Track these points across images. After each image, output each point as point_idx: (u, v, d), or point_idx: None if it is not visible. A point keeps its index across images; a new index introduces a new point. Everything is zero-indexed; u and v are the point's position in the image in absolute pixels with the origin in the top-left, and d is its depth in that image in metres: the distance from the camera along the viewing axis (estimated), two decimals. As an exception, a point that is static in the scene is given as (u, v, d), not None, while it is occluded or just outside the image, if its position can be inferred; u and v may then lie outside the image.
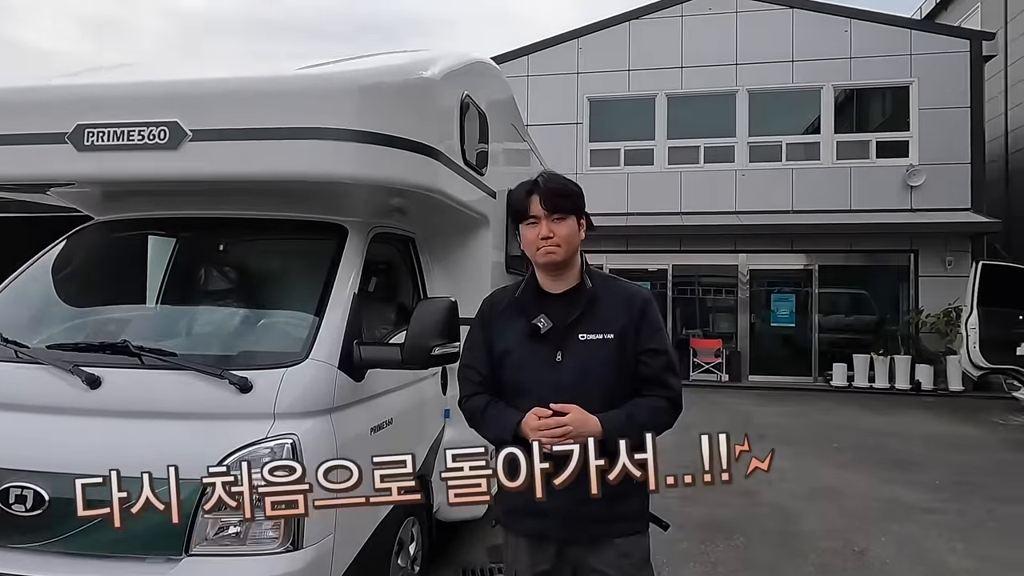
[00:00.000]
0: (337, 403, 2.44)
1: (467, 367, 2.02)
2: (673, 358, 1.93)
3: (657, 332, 1.91)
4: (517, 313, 1.93)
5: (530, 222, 1.88)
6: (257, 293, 2.87)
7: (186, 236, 3.07)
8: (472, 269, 3.73)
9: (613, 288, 1.94)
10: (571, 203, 1.88)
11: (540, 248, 1.86)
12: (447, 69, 2.98)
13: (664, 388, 1.88)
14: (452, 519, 3.69)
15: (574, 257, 1.91)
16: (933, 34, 13.17)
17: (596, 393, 1.80)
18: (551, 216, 1.84)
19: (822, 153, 13.22)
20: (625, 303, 1.90)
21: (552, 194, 1.86)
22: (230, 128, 2.44)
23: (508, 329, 1.93)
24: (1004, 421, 9.39)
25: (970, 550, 4.38)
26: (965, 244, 12.46)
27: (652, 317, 1.91)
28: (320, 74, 2.62)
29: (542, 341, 1.87)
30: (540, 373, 1.85)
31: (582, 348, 1.85)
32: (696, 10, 13.68)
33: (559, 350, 1.86)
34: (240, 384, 2.26)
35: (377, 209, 3.06)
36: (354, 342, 2.55)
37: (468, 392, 1.99)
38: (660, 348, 1.89)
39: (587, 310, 1.87)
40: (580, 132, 13.97)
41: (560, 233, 1.85)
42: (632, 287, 1.98)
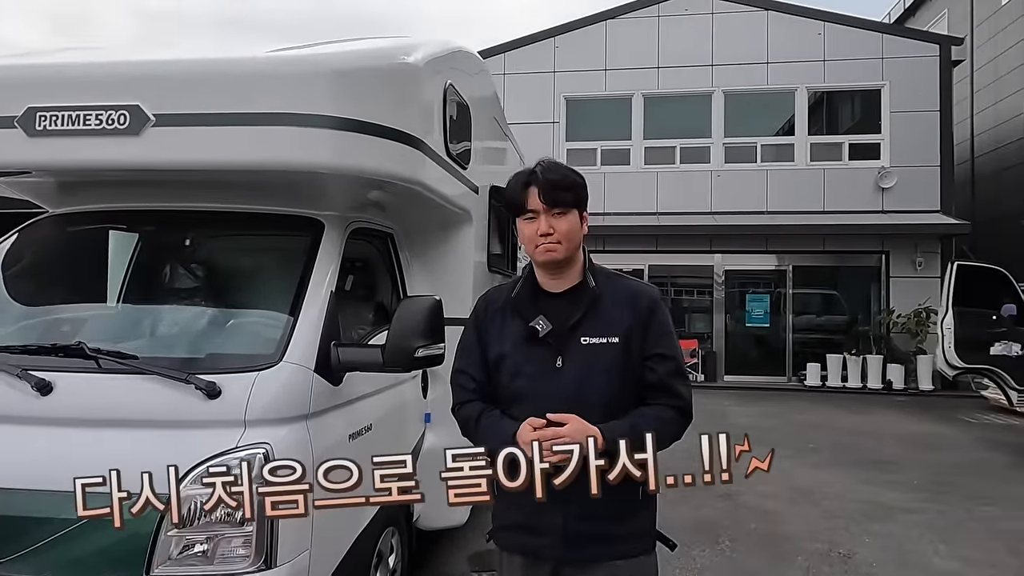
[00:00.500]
0: (313, 409, 2.27)
1: (460, 372, 1.86)
2: (683, 364, 1.79)
3: (665, 335, 1.76)
4: (513, 314, 1.79)
5: (528, 217, 1.74)
6: (226, 292, 2.67)
7: (149, 230, 2.85)
8: (454, 267, 3.58)
9: (618, 287, 1.80)
10: (572, 196, 1.73)
11: (539, 245, 1.72)
12: (430, 56, 2.83)
13: (672, 396, 1.73)
14: (433, 527, 3.55)
15: (576, 254, 1.77)
16: (904, 38, 13.38)
17: (598, 401, 1.66)
18: (551, 210, 1.70)
19: (796, 155, 13.33)
20: (630, 303, 1.75)
21: (552, 186, 1.70)
22: (197, 113, 2.26)
23: (504, 331, 1.79)
24: (975, 419, 9.55)
25: (953, 551, 4.37)
26: (935, 245, 12.67)
27: (660, 318, 1.77)
28: (293, 57, 2.45)
29: (541, 345, 1.73)
30: (538, 379, 1.71)
31: (584, 352, 1.71)
32: (672, 11, 13.71)
33: (559, 354, 1.72)
34: (207, 389, 2.08)
35: (354, 203, 2.89)
36: (331, 343, 2.38)
37: (461, 399, 1.84)
38: (668, 353, 1.74)
39: (590, 311, 1.73)
40: (556, 131, 13.89)
41: (561, 229, 1.71)
42: (638, 285, 1.84)
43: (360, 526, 2.61)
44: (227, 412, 2.09)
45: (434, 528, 3.55)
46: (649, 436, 1.54)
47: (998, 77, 15.35)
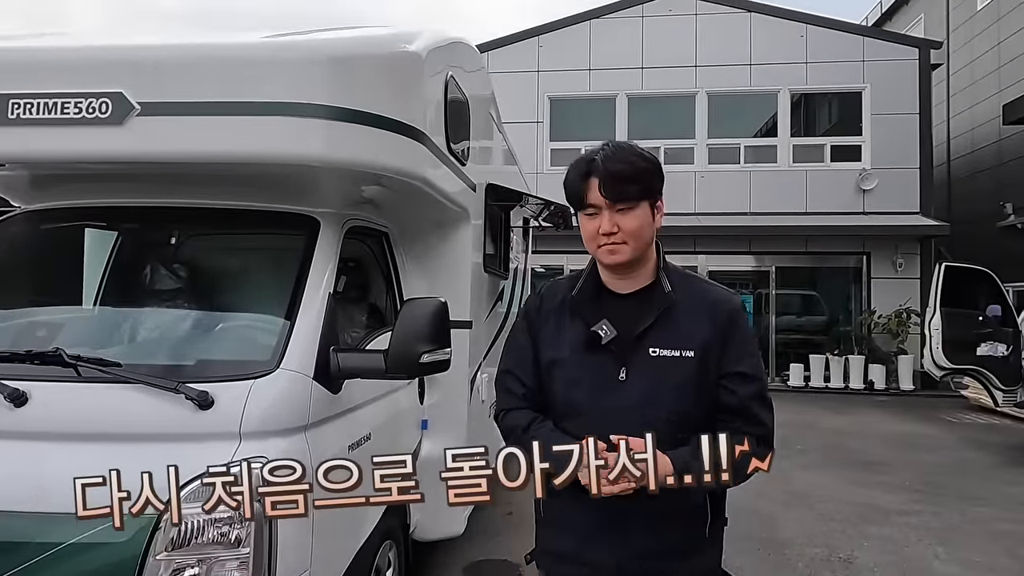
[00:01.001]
0: (312, 419, 2.12)
1: (507, 374, 1.65)
2: (766, 385, 1.56)
3: (748, 352, 1.54)
4: (572, 315, 1.58)
5: (589, 212, 1.52)
6: (217, 294, 2.50)
7: (132, 228, 2.66)
8: (451, 268, 3.45)
9: (696, 291, 1.57)
10: (640, 188, 1.48)
11: (601, 245, 1.51)
12: (432, 45, 2.70)
13: (752, 423, 1.50)
14: (429, 539, 3.41)
15: (647, 252, 1.55)
16: (884, 41, 13.50)
17: (666, 423, 1.44)
18: (614, 206, 1.47)
19: (779, 156, 13.38)
20: (709, 312, 1.53)
21: (615, 179, 1.46)
22: (185, 101, 2.11)
23: (561, 334, 1.57)
24: (956, 419, 9.64)
25: (952, 554, 4.34)
26: (915, 247, 12.80)
27: (742, 331, 1.55)
28: (287, 43, 2.30)
29: (602, 353, 1.51)
30: (598, 393, 1.50)
31: (652, 366, 1.49)
32: (656, 11, 13.69)
33: (623, 366, 1.50)
34: (199, 399, 1.92)
35: (350, 199, 2.74)
36: (331, 349, 2.23)
37: (507, 406, 1.63)
38: (751, 372, 1.52)
39: (662, 318, 1.51)
40: (540, 131, 13.79)
41: (627, 227, 1.48)
42: (720, 291, 1.60)
43: (358, 543, 2.47)
44: (221, 424, 1.94)
45: (431, 539, 3.41)
46: (649, 438, 1.33)
47: (973, 81, 15.59)
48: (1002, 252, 13.29)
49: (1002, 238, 13.84)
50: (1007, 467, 6.78)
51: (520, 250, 6.09)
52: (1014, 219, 13.51)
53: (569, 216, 5.95)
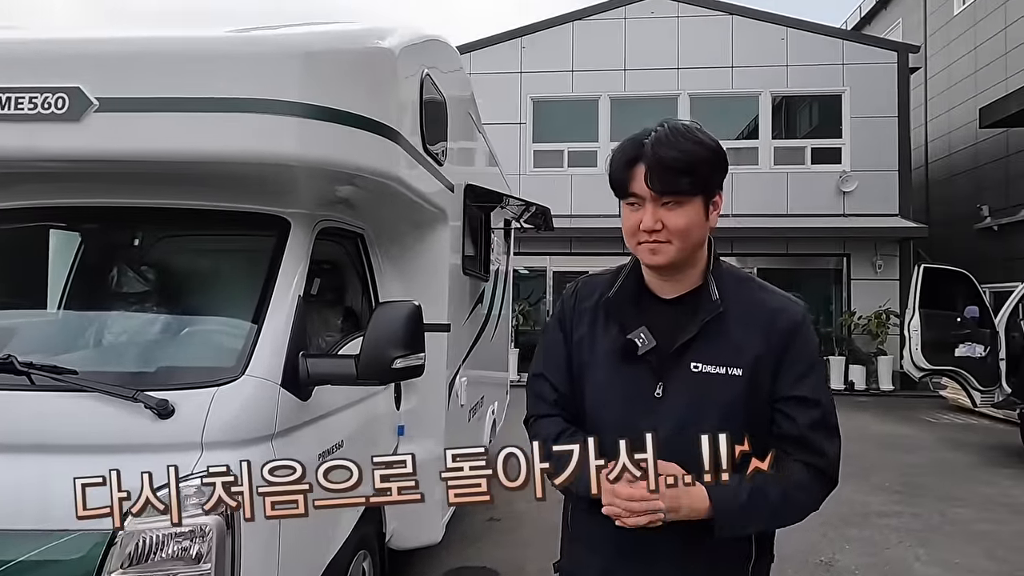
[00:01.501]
0: (280, 428, 2.04)
1: (539, 377, 1.49)
2: (831, 412, 1.34)
3: (810, 372, 1.33)
4: (608, 318, 1.40)
5: (631, 202, 1.32)
6: (181, 298, 2.41)
7: (91, 229, 2.56)
8: (428, 270, 3.37)
9: (751, 299, 1.36)
10: (692, 180, 1.26)
11: (641, 242, 1.32)
12: (407, 42, 2.63)
13: (812, 453, 1.30)
14: (406, 547, 3.34)
15: (697, 253, 1.35)
16: (863, 45, 13.65)
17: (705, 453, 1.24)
18: (660, 199, 1.27)
19: (760, 158, 13.46)
20: (765, 323, 1.32)
21: (664, 168, 1.25)
22: (147, 97, 2.02)
23: (595, 338, 1.40)
24: (935, 419, 9.74)
25: (932, 556, 4.34)
26: (894, 248, 12.93)
27: (804, 348, 1.33)
28: (258, 37, 2.22)
29: (638, 364, 1.34)
30: (630, 409, 1.32)
31: (694, 383, 1.30)
32: (638, 13, 13.72)
33: (660, 380, 1.32)
34: (159, 408, 1.84)
35: (323, 199, 2.66)
36: (300, 354, 2.15)
37: (538, 412, 1.48)
38: (813, 396, 1.32)
39: (708, 330, 1.32)
40: (523, 132, 13.76)
41: (674, 225, 1.28)
42: (780, 299, 1.38)
43: (331, 554, 2.39)
44: (181, 434, 1.85)
45: (408, 547, 3.33)
46: (649, 438, 1.17)
47: (950, 85, 15.79)
48: (979, 254, 13.48)
49: (979, 240, 14.03)
50: (985, 467, 6.84)
51: (502, 252, 6.03)
52: (991, 221, 13.70)
53: (551, 217, 5.90)
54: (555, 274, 13.73)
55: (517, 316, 12.59)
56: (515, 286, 13.02)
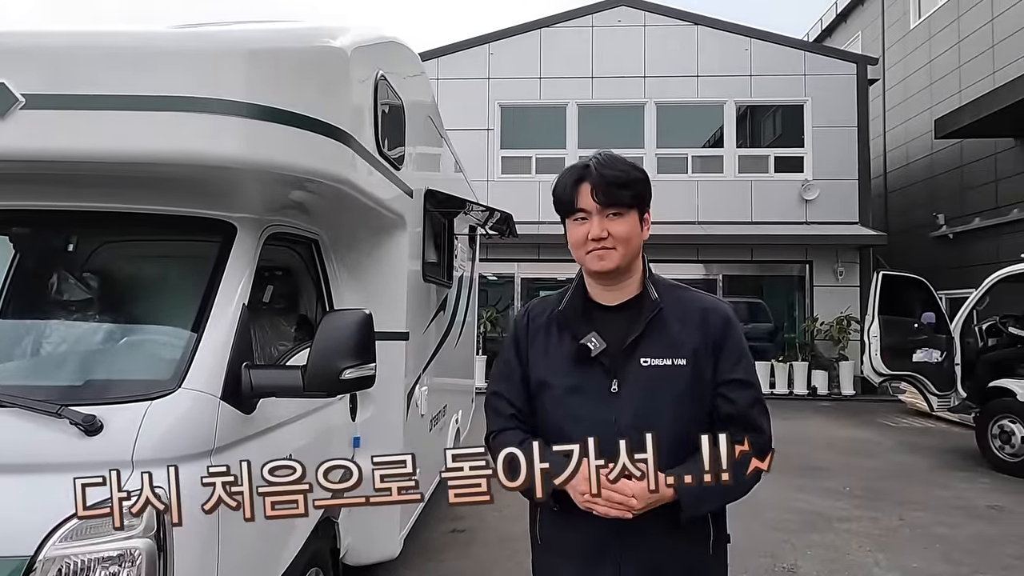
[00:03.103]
0: (220, 443, 1.94)
1: (495, 395, 1.64)
2: (760, 392, 1.55)
3: (742, 358, 1.53)
4: (561, 330, 1.56)
5: (578, 218, 1.52)
6: (118, 306, 2.28)
7: (20, 234, 2.41)
8: (386, 276, 3.29)
9: (684, 300, 1.56)
10: (632, 194, 1.49)
11: (590, 251, 1.50)
12: (361, 42, 2.55)
13: (752, 430, 1.47)
14: (362, 563, 3.23)
15: (634, 262, 1.54)
16: (824, 56, 13.93)
17: (663, 435, 1.39)
18: (605, 211, 1.48)
19: (725, 166, 13.64)
20: (700, 320, 1.52)
21: (608, 183, 1.47)
22: (80, 94, 1.91)
23: (549, 350, 1.56)
24: (894, 423, 9.93)
25: (891, 561, 4.38)
26: (854, 256, 13.19)
27: (735, 338, 1.53)
28: (201, 33, 2.12)
29: (593, 366, 1.50)
30: (590, 408, 1.47)
31: (645, 376, 1.47)
32: (606, 22, 13.81)
33: (614, 378, 1.48)
34: (85, 424, 1.73)
35: (273, 203, 2.56)
36: (243, 365, 2.06)
37: (496, 427, 1.61)
38: (747, 379, 1.52)
39: (651, 327, 1.50)
40: (491, 138, 13.72)
41: (617, 232, 1.48)
42: (709, 299, 1.60)
43: (277, 573, 2.28)
44: (110, 451, 1.74)
45: (364, 563, 3.23)
46: (649, 439, 1.32)
47: (907, 97, 16.22)
48: (936, 261, 13.84)
49: (935, 247, 14.40)
50: (940, 470, 6.97)
51: (466, 258, 5.95)
52: (946, 229, 14.08)
53: (514, 224, 5.86)
54: (523, 280, 13.71)
55: (484, 323, 12.52)
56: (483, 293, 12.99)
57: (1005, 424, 6.86)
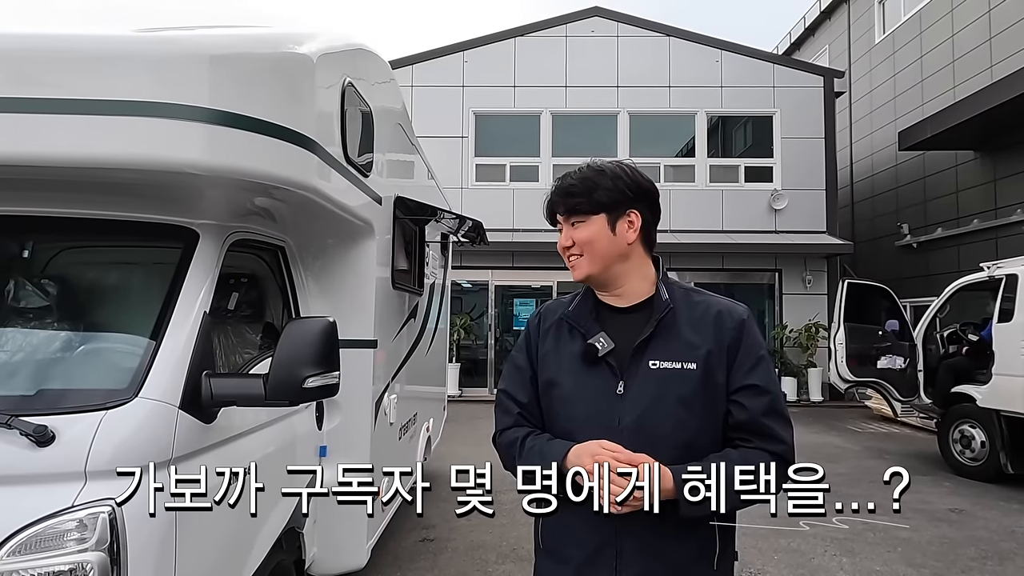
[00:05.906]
0: (178, 453, 1.90)
1: (504, 393, 1.62)
2: (780, 398, 1.49)
3: (759, 363, 1.47)
4: (571, 331, 1.54)
5: (558, 228, 1.57)
6: (75, 314, 2.23)
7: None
8: (354, 284, 3.27)
9: (698, 303, 1.52)
10: (585, 200, 1.49)
11: (567, 259, 1.55)
12: (327, 48, 2.54)
13: (768, 439, 1.43)
14: (329, 574, 3.19)
15: (618, 266, 1.51)
16: (792, 69, 14.23)
17: (668, 439, 1.40)
18: (569, 219, 1.52)
19: (697, 176, 13.82)
20: (714, 323, 1.48)
21: (563, 193, 1.51)
22: (38, 98, 1.88)
23: (558, 351, 1.54)
24: (860, 429, 10.12)
25: (856, 565, 4.45)
26: (822, 264, 13.46)
27: (751, 342, 1.48)
28: (163, 38, 2.10)
29: (600, 366, 1.47)
30: (595, 408, 1.45)
31: (652, 379, 1.43)
32: (579, 32, 13.94)
33: (621, 379, 1.45)
34: (36, 435, 1.68)
35: (237, 210, 2.54)
36: (203, 373, 2.03)
37: (504, 425, 1.59)
38: (763, 384, 1.46)
39: (662, 329, 1.47)
40: (466, 146, 13.74)
41: (578, 238, 1.50)
42: (724, 302, 1.55)
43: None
44: (62, 462, 1.70)
45: (330, 575, 3.19)
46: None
47: (872, 110, 16.62)
48: (900, 270, 14.17)
49: (900, 256, 14.75)
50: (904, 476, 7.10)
51: (438, 265, 5.94)
52: (910, 239, 14.43)
53: (484, 231, 5.86)
54: (497, 288, 13.71)
55: (458, 330, 12.49)
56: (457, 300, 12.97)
57: (965, 429, 7.04)
